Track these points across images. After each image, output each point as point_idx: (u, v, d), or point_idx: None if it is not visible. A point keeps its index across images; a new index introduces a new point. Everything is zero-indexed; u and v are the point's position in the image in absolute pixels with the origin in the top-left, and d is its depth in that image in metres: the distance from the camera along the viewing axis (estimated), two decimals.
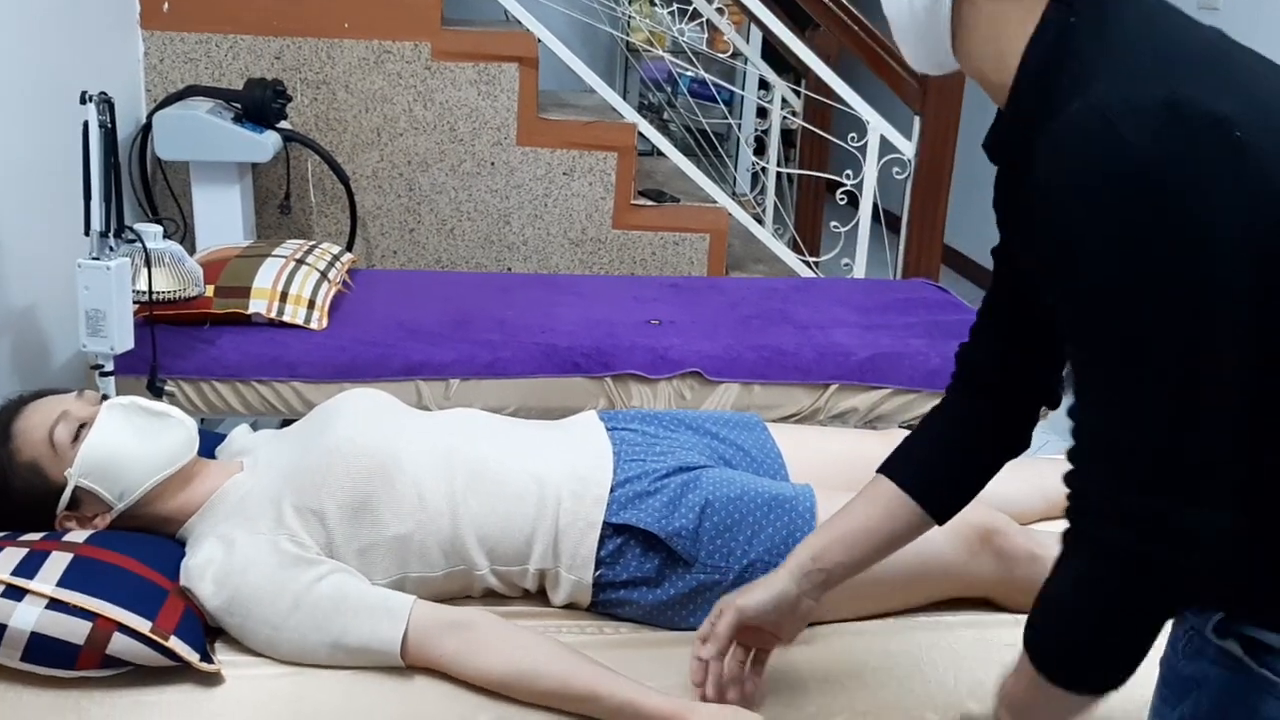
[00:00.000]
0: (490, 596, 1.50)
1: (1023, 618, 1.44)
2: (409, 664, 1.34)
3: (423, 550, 1.44)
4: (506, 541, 1.45)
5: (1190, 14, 0.92)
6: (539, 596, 1.50)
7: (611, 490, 1.48)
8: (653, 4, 4.07)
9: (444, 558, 1.44)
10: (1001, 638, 1.45)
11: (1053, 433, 3.65)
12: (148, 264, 2.05)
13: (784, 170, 4.16)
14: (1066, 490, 0.92)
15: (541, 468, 1.49)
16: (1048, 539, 1.52)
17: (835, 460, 1.68)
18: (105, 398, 1.54)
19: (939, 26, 0.96)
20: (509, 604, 1.50)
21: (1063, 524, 1.02)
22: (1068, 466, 0.92)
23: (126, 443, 1.45)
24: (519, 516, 1.45)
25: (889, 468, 1.23)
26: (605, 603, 1.46)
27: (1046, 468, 1.80)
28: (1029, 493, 1.74)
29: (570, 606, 1.48)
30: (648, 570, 1.44)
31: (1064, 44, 0.89)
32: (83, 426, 1.45)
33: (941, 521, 1.23)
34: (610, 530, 1.45)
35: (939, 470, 1.22)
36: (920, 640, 1.45)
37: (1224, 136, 0.79)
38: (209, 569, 1.38)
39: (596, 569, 1.45)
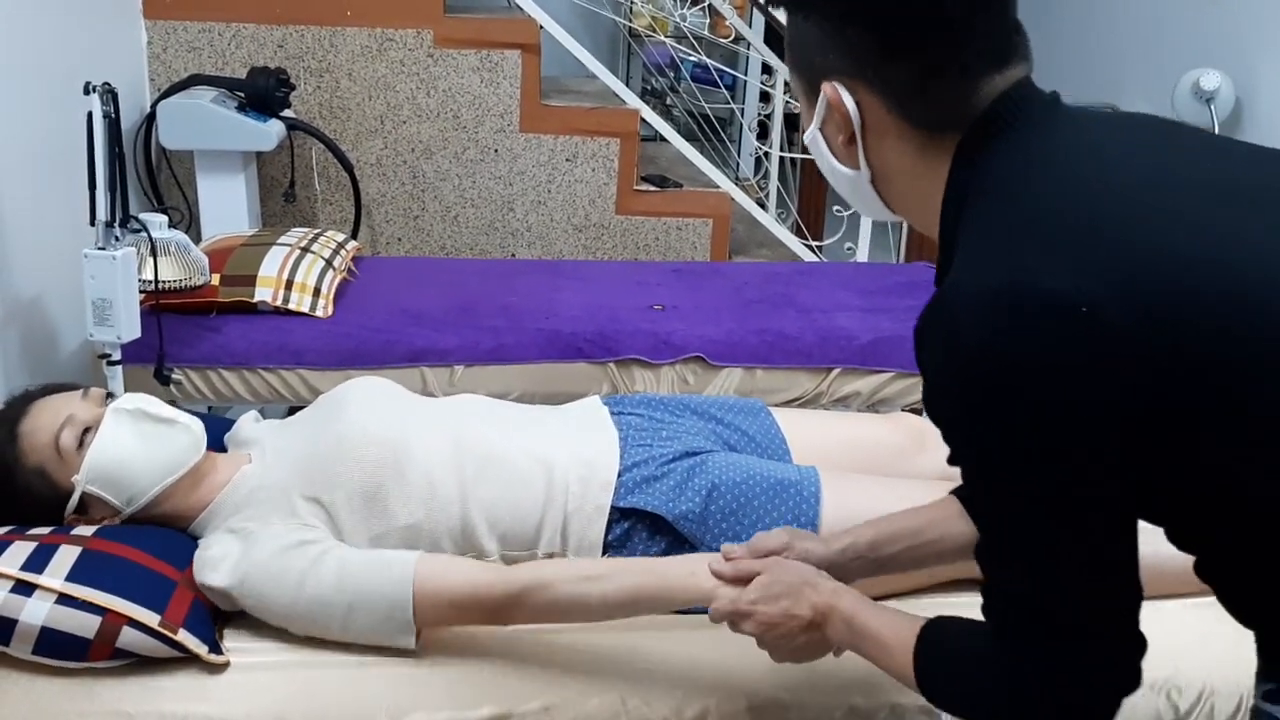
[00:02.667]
0: None
1: None
2: (420, 610, 1.32)
3: (433, 538, 1.45)
4: (516, 527, 1.46)
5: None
6: None
7: (619, 475, 1.49)
8: None
9: (453, 545, 1.45)
10: None
11: None
12: (153, 253, 2.06)
13: (787, 155, 4.15)
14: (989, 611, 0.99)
15: (549, 453, 1.50)
16: None
17: (838, 444, 1.69)
18: (110, 396, 1.55)
19: (871, 197, 1.02)
20: None
21: None
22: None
23: (132, 449, 1.45)
24: (528, 502, 1.46)
25: None
26: None
27: None
28: None
29: None
30: (654, 553, 1.45)
31: (959, 213, 0.93)
32: (88, 430, 1.45)
33: None
34: (617, 514, 1.46)
35: None
36: None
37: (1062, 315, 0.80)
38: (223, 562, 1.39)
39: (604, 553, 1.46)
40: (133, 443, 1.46)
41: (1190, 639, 1.44)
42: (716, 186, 3.47)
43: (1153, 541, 1.52)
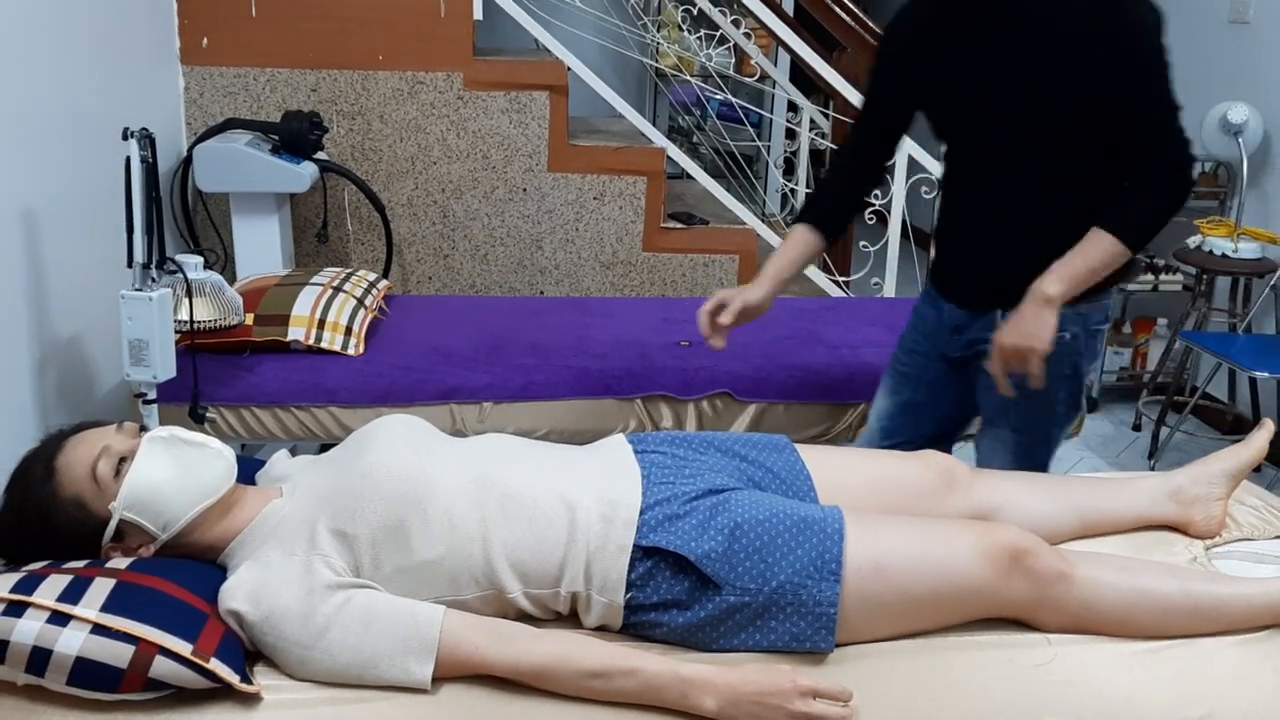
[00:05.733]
0: (522, 619, 1.51)
1: (1055, 636, 1.47)
2: (442, 668, 1.36)
3: (454, 575, 1.45)
4: (538, 566, 1.46)
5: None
6: (571, 619, 1.51)
7: (641, 513, 1.48)
8: (681, 30, 4.11)
9: (474, 583, 1.46)
10: (1032, 658, 1.44)
11: (1087, 450, 3.64)
12: (189, 294, 2.10)
13: (812, 191, 4.16)
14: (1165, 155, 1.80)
15: (571, 492, 1.51)
16: (1078, 559, 1.52)
17: (864, 482, 1.68)
18: (144, 429, 1.57)
19: None
20: (541, 625, 1.51)
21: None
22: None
23: (168, 475, 1.48)
24: (550, 541, 1.47)
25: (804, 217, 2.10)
26: (636, 625, 1.47)
27: (1079, 486, 1.79)
28: (1062, 511, 1.73)
29: (602, 628, 1.49)
30: (678, 593, 1.45)
31: None
32: (123, 460, 1.48)
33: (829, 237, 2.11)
34: (640, 553, 1.46)
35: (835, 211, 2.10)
36: (950, 660, 1.44)
37: None
38: (244, 589, 1.41)
39: (627, 591, 1.45)
40: (168, 469, 1.48)
41: (1229, 677, 1.42)
42: (743, 223, 3.49)
43: (1184, 580, 1.51)
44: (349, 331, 2.50)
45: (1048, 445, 2.00)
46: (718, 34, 3.81)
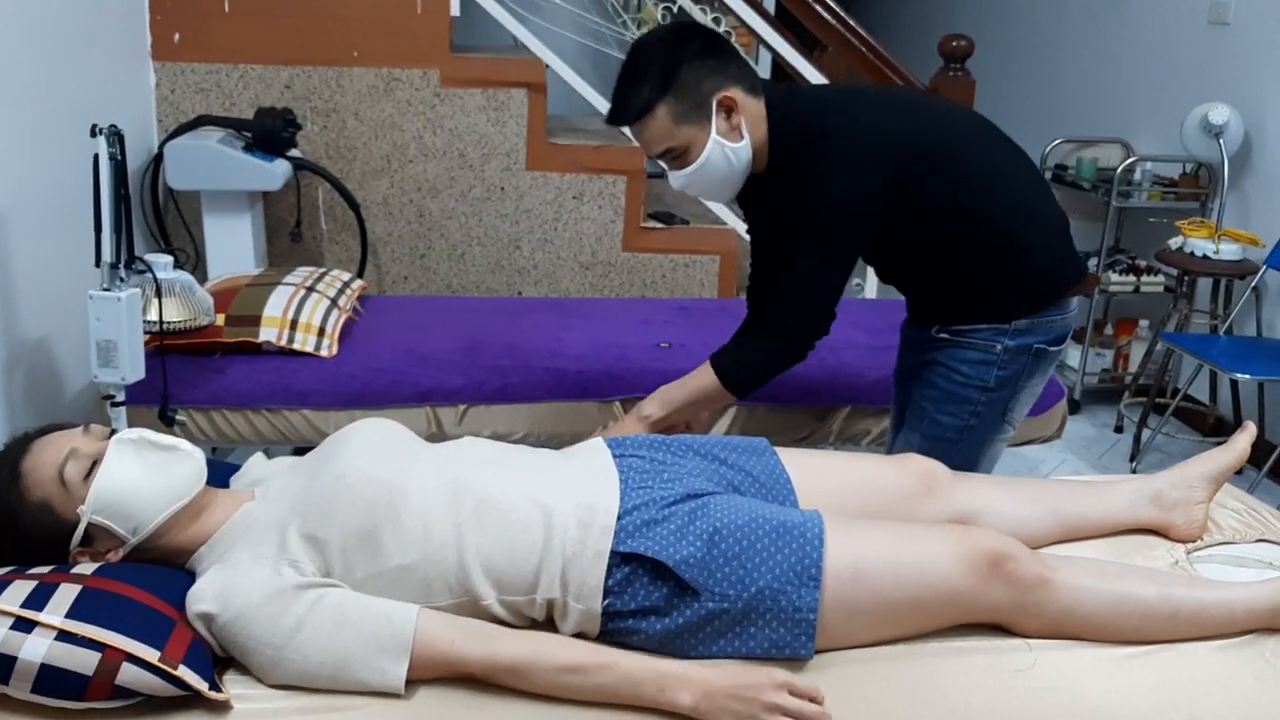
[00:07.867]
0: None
1: (1035, 642, 1.46)
2: (416, 668, 1.34)
3: (427, 581, 1.43)
4: (513, 572, 1.44)
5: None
6: (547, 626, 1.49)
7: (619, 518, 1.47)
8: None
9: (448, 589, 1.44)
10: (1012, 664, 1.43)
11: (1068, 452, 3.64)
12: (158, 294, 2.06)
13: None
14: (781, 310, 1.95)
15: (548, 497, 1.49)
16: (1058, 563, 1.51)
17: (844, 485, 1.67)
18: (113, 432, 1.54)
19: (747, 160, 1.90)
20: None
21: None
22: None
23: (137, 478, 1.45)
24: (525, 546, 1.45)
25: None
26: (614, 632, 1.46)
27: (1059, 489, 1.79)
28: (1042, 515, 1.72)
29: (579, 636, 1.47)
30: (656, 599, 1.43)
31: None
32: (93, 463, 1.45)
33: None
34: (618, 559, 1.44)
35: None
36: (931, 666, 1.43)
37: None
38: (212, 590, 1.38)
39: (604, 598, 1.44)
40: (137, 471, 1.46)
41: (1210, 682, 1.42)
42: (724, 223, 3.47)
43: (1164, 584, 1.51)
44: (322, 333, 2.46)
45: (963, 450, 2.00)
46: None
